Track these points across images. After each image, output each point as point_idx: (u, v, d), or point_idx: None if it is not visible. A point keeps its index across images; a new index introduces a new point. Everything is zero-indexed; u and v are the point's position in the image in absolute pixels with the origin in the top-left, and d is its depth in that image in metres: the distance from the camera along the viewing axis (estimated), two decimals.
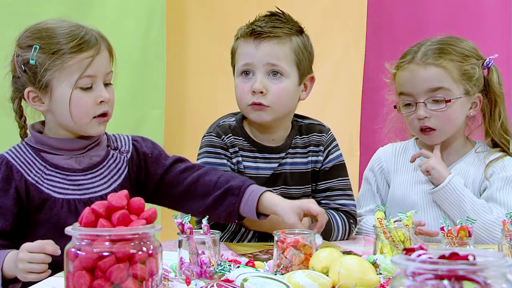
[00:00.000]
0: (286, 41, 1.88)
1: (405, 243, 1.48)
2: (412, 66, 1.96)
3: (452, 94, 1.94)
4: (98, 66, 1.66)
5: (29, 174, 1.65)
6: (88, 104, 1.65)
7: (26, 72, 1.65)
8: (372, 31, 2.99)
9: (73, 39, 1.64)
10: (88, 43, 1.65)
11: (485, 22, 2.86)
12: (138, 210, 1.08)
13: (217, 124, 1.93)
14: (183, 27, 3.08)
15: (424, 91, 1.94)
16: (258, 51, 1.86)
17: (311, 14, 3.02)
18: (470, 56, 1.97)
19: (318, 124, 2.00)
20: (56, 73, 1.63)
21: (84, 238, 1.04)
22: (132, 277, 1.03)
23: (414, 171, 2.04)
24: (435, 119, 1.95)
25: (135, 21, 2.81)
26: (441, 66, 1.93)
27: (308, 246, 1.42)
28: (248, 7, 2.49)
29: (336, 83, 3.06)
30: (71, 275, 1.03)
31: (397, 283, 0.85)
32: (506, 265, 0.83)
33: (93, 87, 1.66)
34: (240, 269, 1.32)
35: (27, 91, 1.67)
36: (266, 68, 1.86)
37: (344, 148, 2.87)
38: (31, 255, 1.45)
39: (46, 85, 1.64)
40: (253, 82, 1.87)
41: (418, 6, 2.96)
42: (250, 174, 1.89)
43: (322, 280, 1.26)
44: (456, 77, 1.94)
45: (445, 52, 1.95)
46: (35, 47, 1.64)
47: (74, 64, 1.63)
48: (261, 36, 1.86)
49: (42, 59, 1.63)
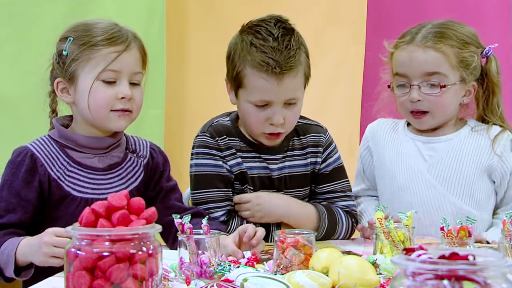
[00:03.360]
0: (299, 68, 1.81)
1: (405, 243, 1.48)
2: (410, 47, 1.94)
3: (447, 80, 1.92)
4: (124, 63, 1.66)
5: (52, 169, 1.65)
6: (107, 97, 1.65)
7: (58, 64, 1.68)
8: (372, 30, 2.99)
9: (104, 33, 1.66)
10: (118, 38, 1.66)
11: (485, 22, 2.86)
12: (138, 210, 1.08)
13: (211, 124, 1.91)
14: (183, 27, 3.08)
15: (420, 74, 1.92)
16: (279, 88, 1.78)
17: (311, 14, 3.03)
18: (470, 43, 1.95)
19: (315, 125, 1.99)
20: (82, 63, 1.65)
21: (84, 238, 1.04)
22: (132, 277, 1.03)
23: (400, 145, 2.02)
24: (428, 103, 1.94)
25: (135, 21, 2.81)
26: (440, 51, 1.91)
27: (308, 246, 1.42)
28: (248, 7, 2.50)
29: (336, 82, 3.06)
30: (71, 275, 1.03)
31: (397, 283, 0.85)
32: (506, 265, 0.83)
33: (117, 82, 1.66)
34: (240, 269, 1.32)
35: (56, 81, 1.69)
36: (285, 101, 1.81)
37: (344, 147, 2.88)
38: (57, 239, 1.44)
39: (72, 75, 1.66)
40: (270, 113, 1.81)
41: (418, 5, 2.96)
42: (253, 174, 1.89)
43: (322, 280, 1.26)
44: (454, 63, 1.92)
45: (445, 37, 1.92)
46: (69, 38, 1.67)
47: (100, 56, 1.64)
48: (280, 73, 1.77)
49: (72, 49, 1.66)
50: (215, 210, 1.85)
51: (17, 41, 2.51)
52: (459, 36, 1.94)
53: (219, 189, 1.86)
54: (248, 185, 1.89)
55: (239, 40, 1.83)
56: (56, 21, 2.58)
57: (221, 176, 1.87)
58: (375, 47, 2.94)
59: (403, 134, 2.04)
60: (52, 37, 2.59)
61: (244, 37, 1.82)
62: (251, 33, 1.82)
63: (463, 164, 1.96)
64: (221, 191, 1.86)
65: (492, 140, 1.96)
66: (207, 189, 1.86)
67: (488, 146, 1.97)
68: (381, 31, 2.98)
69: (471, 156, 1.96)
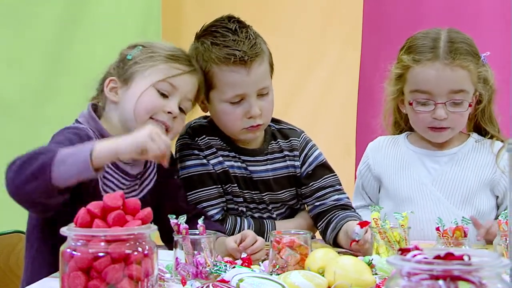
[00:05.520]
0: (264, 56, 1.83)
1: (401, 243, 1.48)
2: (437, 64, 1.88)
3: (468, 96, 1.91)
4: (184, 82, 1.68)
5: None
6: (155, 103, 1.65)
7: (118, 66, 1.69)
8: (368, 32, 2.99)
9: (173, 51, 1.70)
10: (185, 60, 1.71)
11: (483, 24, 2.85)
12: (134, 211, 1.08)
13: (188, 125, 1.90)
14: (179, 27, 3.08)
15: (447, 92, 1.89)
16: (250, 78, 1.79)
17: (307, 17, 3.03)
18: (478, 55, 1.93)
19: (289, 129, 1.97)
20: (144, 68, 1.66)
21: (80, 238, 1.04)
22: (128, 278, 1.03)
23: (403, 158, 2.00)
24: (451, 119, 1.91)
25: (131, 21, 2.81)
26: (467, 69, 1.88)
27: (303, 247, 1.42)
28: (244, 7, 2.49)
29: (332, 85, 3.07)
30: (67, 275, 1.03)
31: (392, 283, 0.85)
32: (501, 265, 0.83)
33: (170, 97, 1.67)
34: (235, 270, 1.32)
35: (109, 79, 1.69)
36: (258, 91, 1.82)
37: (341, 149, 2.88)
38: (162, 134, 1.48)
39: (129, 76, 1.67)
40: (246, 107, 1.81)
41: (415, 7, 2.96)
42: (235, 173, 1.88)
43: (318, 280, 1.26)
44: (475, 79, 1.91)
45: (468, 53, 1.90)
46: (138, 47, 1.70)
47: (164, 68, 1.67)
48: (249, 60, 1.78)
49: (138, 55, 1.68)
50: (210, 208, 1.84)
51: (14, 41, 2.50)
52: (474, 50, 1.92)
53: (210, 187, 1.85)
54: (231, 184, 1.88)
55: (199, 45, 1.83)
56: (53, 21, 2.58)
57: (209, 174, 1.86)
58: (371, 50, 2.96)
59: (405, 148, 2.03)
60: (49, 37, 2.59)
61: (203, 40, 1.83)
62: (208, 34, 1.83)
63: (467, 178, 1.95)
64: (212, 189, 1.85)
65: (495, 155, 1.95)
66: (197, 190, 1.85)
67: (491, 161, 1.96)
68: (378, 34, 2.99)
69: (475, 170, 1.96)
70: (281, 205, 1.93)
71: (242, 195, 1.88)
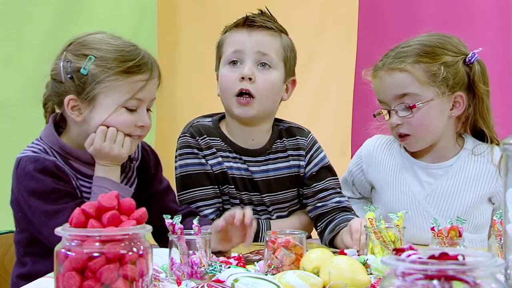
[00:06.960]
0: (277, 35, 1.89)
1: (396, 243, 1.48)
2: (380, 72, 1.90)
3: (421, 98, 1.85)
4: (148, 91, 1.65)
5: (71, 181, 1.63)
6: (128, 123, 1.63)
7: (72, 80, 1.61)
8: (363, 32, 2.99)
9: (131, 60, 1.62)
10: (144, 66, 1.64)
11: (479, 22, 2.84)
12: (129, 211, 1.08)
13: (191, 124, 1.91)
14: (174, 27, 3.08)
15: (393, 98, 1.88)
16: (250, 38, 1.86)
17: (303, 16, 3.03)
18: (442, 54, 1.86)
19: (297, 127, 1.98)
20: (106, 88, 1.60)
21: (74, 238, 1.04)
22: (123, 278, 1.03)
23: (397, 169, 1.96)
24: (407, 125, 1.88)
25: (126, 21, 2.81)
26: (404, 70, 1.84)
27: (298, 247, 1.42)
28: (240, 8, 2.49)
29: (327, 84, 3.07)
30: (61, 275, 1.03)
31: (387, 283, 0.85)
32: (495, 265, 0.83)
33: (138, 110, 1.65)
34: (231, 270, 1.32)
35: (68, 98, 1.62)
36: (256, 56, 1.85)
37: (336, 148, 2.88)
38: None
39: (92, 98, 1.60)
40: (241, 70, 1.85)
41: (411, 7, 2.96)
42: (234, 175, 1.88)
43: (313, 280, 1.26)
44: (424, 80, 1.84)
45: (408, 55, 1.86)
46: (90, 57, 1.60)
47: (126, 84, 1.61)
48: (253, 25, 1.87)
49: (95, 71, 1.60)
50: (204, 208, 1.84)
51: (10, 42, 2.50)
52: (427, 50, 1.86)
53: (206, 187, 1.85)
54: (229, 185, 1.88)
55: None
56: (48, 21, 2.58)
57: (206, 174, 1.86)
58: (366, 50, 2.96)
59: (399, 156, 1.98)
60: (45, 37, 2.58)
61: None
62: None
63: (464, 192, 1.91)
64: (208, 189, 1.86)
65: (497, 166, 1.89)
66: (194, 188, 1.85)
67: (491, 172, 1.91)
68: (373, 33, 2.99)
69: (473, 183, 1.91)
70: (282, 207, 1.93)
71: (239, 197, 1.88)
